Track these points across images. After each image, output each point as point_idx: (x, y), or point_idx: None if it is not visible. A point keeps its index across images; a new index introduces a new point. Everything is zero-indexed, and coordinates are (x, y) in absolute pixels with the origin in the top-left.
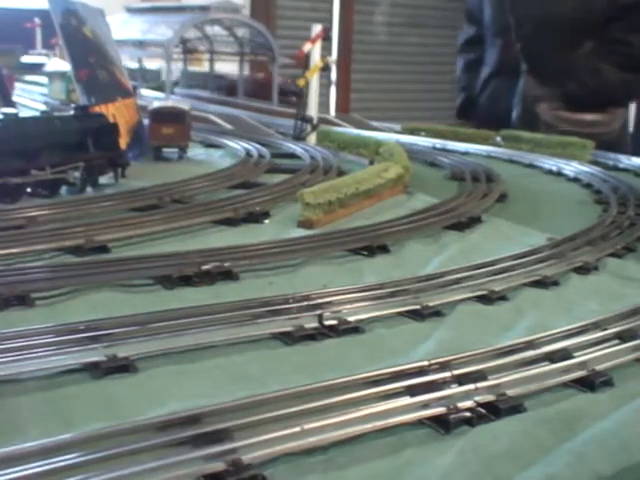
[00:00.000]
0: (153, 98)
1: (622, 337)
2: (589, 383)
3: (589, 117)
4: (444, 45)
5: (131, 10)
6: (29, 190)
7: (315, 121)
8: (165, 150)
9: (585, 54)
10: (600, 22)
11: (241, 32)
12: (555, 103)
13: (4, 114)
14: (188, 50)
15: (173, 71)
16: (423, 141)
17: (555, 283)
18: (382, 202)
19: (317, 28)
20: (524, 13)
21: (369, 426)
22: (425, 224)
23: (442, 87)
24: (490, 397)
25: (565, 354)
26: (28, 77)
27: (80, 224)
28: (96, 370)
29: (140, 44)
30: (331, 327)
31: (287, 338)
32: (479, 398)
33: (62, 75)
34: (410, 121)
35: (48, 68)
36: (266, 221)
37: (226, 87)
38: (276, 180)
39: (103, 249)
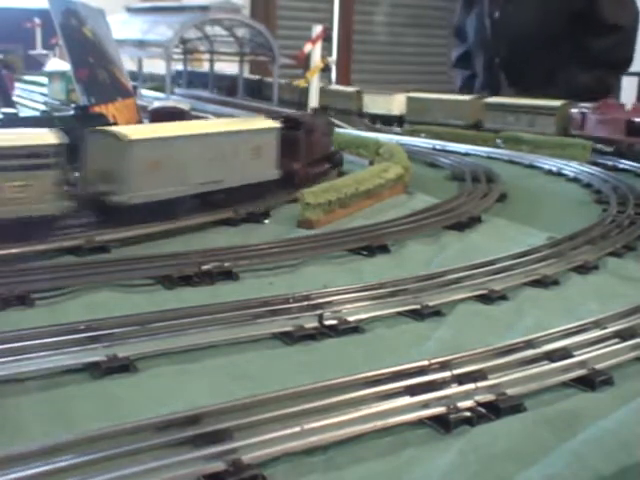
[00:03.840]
0: (153, 98)
1: (622, 336)
2: (589, 382)
3: None
4: (444, 45)
5: (131, 10)
6: None
7: None
8: None
9: (561, 61)
10: (567, 30)
11: (241, 32)
12: None
13: (4, 114)
14: (188, 50)
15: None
16: (423, 142)
17: (555, 282)
18: (382, 202)
19: (317, 28)
20: (502, 35)
21: (369, 426)
22: (425, 224)
23: (441, 87)
24: (490, 397)
25: (565, 353)
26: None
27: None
28: (96, 370)
29: (140, 44)
30: (331, 327)
31: (287, 338)
32: (479, 398)
33: (62, 75)
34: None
35: (48, 68)
36: (266, 221)
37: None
38: None
39: (103, 249)
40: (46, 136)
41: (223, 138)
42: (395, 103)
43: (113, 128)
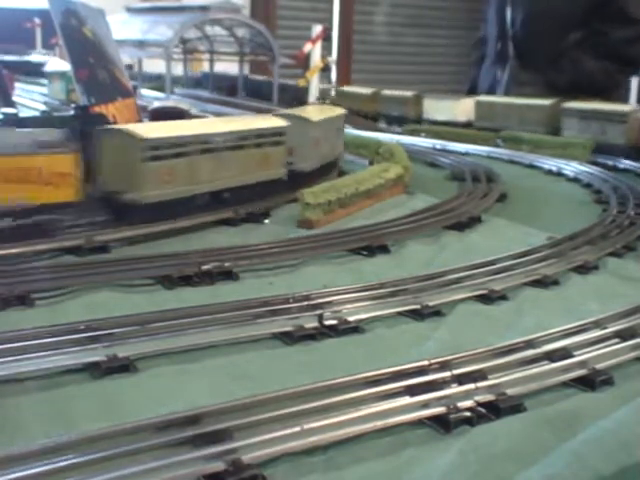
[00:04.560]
0: (153, 98)
1: (622, 336)
2: (589, 382)
3: None
4: (444, 45)
5: (131, 10)
6: None
7: None
8: None
9: (569, 45)
10: (582, 15)
11: (241, 32)
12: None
13: (4, 114)
14: (188, 50)
15: None
16: (423, 142)
17: (555, 282)
18: (382, 202)
19: (317, 28)
20: (519, 10)
21: (369, 426)
22: (425, 224)
23: (442, 87)
24: (490, 397)
25: (565, 353)
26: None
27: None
28: (96, 370)
29: (140, 44)
30: (331, 327)
31: (287, 338)
32: (479, 398)
33: (62, 75)
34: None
35: (48, 68)
36: (266, 221)
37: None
38: None
39: (103, 249)
40: (278, 120)
41: (331, 123)
42: (461, 108)
43: (302, 112)
